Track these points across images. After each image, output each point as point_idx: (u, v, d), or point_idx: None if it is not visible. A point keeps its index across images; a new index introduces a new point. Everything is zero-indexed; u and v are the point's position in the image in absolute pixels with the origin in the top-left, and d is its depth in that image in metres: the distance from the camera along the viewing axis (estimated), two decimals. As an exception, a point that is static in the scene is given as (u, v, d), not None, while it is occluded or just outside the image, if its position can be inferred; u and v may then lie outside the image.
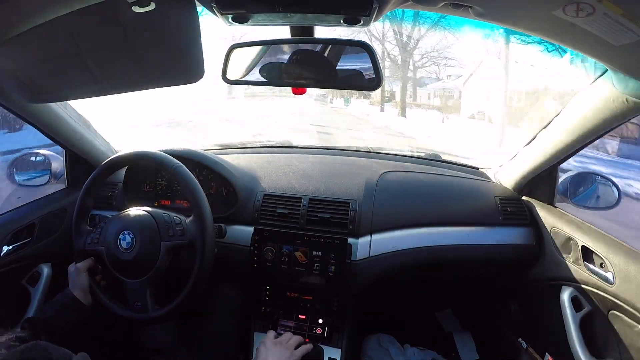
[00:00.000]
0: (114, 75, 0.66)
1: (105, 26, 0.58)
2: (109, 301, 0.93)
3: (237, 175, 1.18)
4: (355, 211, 1.10)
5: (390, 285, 1.40)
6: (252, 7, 0.63)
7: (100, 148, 1.27)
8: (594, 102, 0.83)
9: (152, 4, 0.53)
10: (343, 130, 8.79)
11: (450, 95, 11.68)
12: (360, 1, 0.58)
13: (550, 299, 1.07)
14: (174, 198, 1.24)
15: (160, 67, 0.65)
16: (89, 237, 0.96)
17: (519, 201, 1.21)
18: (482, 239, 1.14)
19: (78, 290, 0.89)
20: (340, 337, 1.15)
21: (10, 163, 1.23)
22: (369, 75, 0.72)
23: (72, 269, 0.93)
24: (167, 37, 0.60)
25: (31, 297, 1.08)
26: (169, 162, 0.96)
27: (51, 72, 0.66)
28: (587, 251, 0.96)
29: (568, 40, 0.64)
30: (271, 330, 0.98)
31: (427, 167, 1.37)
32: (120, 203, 1.21)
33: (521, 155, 1.17)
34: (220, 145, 1.58)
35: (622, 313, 0.86)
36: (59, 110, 1.06)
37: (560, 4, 0.50)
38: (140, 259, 0.89)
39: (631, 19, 0.50)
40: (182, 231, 0.93)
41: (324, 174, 1.23)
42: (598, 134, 0.89)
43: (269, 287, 1.18)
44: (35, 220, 1.10)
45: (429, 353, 1.38)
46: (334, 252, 1.08)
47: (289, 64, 0.76)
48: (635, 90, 0.71)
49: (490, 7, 0.60)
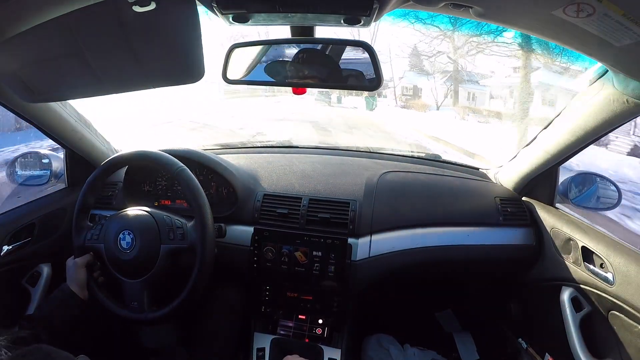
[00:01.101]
0: (114, 74, 0.66)
1: (105, 26, 0.58)
2: (105, 298, 0.93)
3: (237, 175, 1.18)
4: (355, 211, 1.10)
5: (390, 285, 1.40)
6: (252, 7, 0.63)
7: (101, 148, 1.27)
8: (594, 102, 0.83)
9: (153, 3, 0.53)
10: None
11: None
12: (361, 1, 0.58)
13: (550, 299, 1.07)
14: (174, 198, 1.24)
15: (160, 67, 0.65)
16: (89, 233, 0.96)
17: (519, 201, 1.21)
18: (482, 239, 1.14)
19: (75, 284, 0.89)
20: (340, 337, 1.15)
21: (11, 162, 1.23)
22: (370, 75, 0.72)
23: (71, 263, 0.93)
24: (167, 37, 0.60)
25: (31, 296, 1.08)
26: (173, 164, 0.96)
27: (51, 72, 0.66)
28: (587, 251, 0.96)
29: (568, 40, 0.64)
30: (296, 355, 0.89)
31: (427, 167, 1.37)
32: (120, 203, 1.20)
33: (521, 155, 1.17)
34: (221, 145, 1.58)
35: (622, 313, 0.86)
36: (59, 109, 1.06)
37: (560, 4, 0.50)
38: (139, 260, 0.89)
39: (632, 19, 0.49)
40: (182, 235, 0.92)
41: (324, 174, 1.23)
42: (598, 134, 0.89)
43: (269, 287, 1.18)
44: (35, 220, 1.10)
45: (429, 353, 1.38)
46: (334, 252, 1.07)
47: (294, 63, 0.76)
48: (635, 91, 0.71)
49: (490, 7, 0.60)
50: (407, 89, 12.42)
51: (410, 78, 12.05)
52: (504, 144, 6.59)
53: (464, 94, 10.77)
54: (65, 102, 1.08)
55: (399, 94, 12.52)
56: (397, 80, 12.24)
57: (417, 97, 12.16)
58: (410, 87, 12.30)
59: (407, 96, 12.39)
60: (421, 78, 11.59)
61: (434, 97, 11.22)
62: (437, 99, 11.11)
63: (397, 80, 12.24)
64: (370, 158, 1.44)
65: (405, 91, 12.48)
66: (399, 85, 12.36)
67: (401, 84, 12.35)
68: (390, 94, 12.54)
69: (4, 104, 0.92)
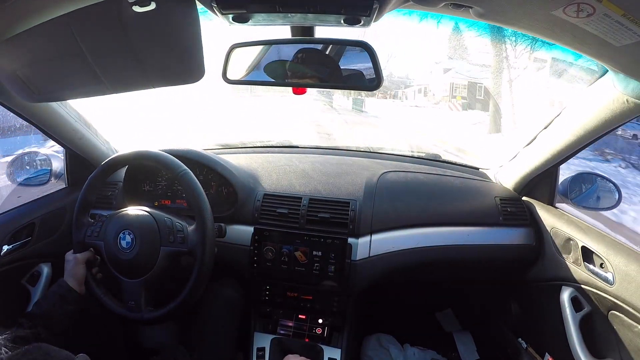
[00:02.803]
0: (114, 74, 0.66)
1: (105, 26, 0.58)
2: (103, 295, 0.93)
3: (237, 174, 1.18)
4: (355, 211, 1.10)
5: (390, 285, 1.40)
6: (252, 7, 0.63)
7: (101, 147, 1.27)
8: (594, 102, 0.83)
9: (153, 3, 0.53)
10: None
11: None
12: (361, 1, 0.58)
13: (550, 299, 1.07)
14: (174, 198, 1.24)
15: (160, 67, 0.65)
16: (89, 229, 0.95)
17: (519, 201, 1.21)
18: (482, 239, 1.14)
19: (73, 279, 0.89)
20: (340, 337, 1.15)
21: (11, 162, 1.23)
22: (370, 75, 0.72)
23: (71, 257, 0.92)
24: (167, 37, 0.60)
25: (31, 296, 1.09)
26: (176, 166, 0.95)
27: (51, 72, 0.66)
28: (587, 251, 0.96)
29: (568, 41, 0.64)
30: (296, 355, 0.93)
31: (427, 167, 1.37)
32: (120, 202, 1.20)
33: (521, 155, 1.17)
34: (221, 145, 1.58)
35: (622, 313, 0.86)
36: (60, 109, 1.06)
37: (560, 4, 0.50)
38: (139, 261, 0.89)
39: (632, 19, 0.49)
40: (182, 239, 0.92)
41: (324, 174, 1.23)
42: (598, 134, 0.89)
43: (268, 287, 1.18)
44: (35, 220, 1.10)
45: (429, 353, 1.38)
46: (334, 252, 1.07)
47: (293, 62, 0.75)
48: (635, 91, 0.71)
49: (490, 8, 0.60)
50: (458, 89, 7.89)
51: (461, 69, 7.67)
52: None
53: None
54: (65, 102, 1.08)
55: (443, 95, 8.08)
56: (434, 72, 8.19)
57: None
58: (462, 85, 7.93)
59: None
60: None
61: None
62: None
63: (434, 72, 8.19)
64: (370, 158, 1.44)
65: (456, 91, 7.91)
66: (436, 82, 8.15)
67: (446, 79, 8.00)
68: (411, 94, 9.17)
69: (4, 104, 0.92)
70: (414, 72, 9.50)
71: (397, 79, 9.42)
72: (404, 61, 11.36)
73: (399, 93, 9.45)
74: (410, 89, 9.47)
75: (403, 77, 9.49)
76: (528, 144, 1.13)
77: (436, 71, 8.97)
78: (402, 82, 9.47)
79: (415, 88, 9.46)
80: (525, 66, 6.55)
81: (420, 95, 9.50)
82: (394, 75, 9.25)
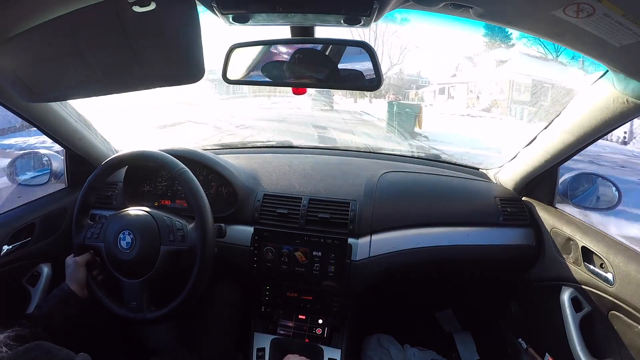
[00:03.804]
0: (114, 74, 0.66)
1: (105, 26, 0.58)
2: (104, 297, 0.93)
3: (237, 175, 1.18)
4: (355, 211, 1.10)
5: (390, 285, 1.40)
6: (252, 7, 0.63)
7: (101, 148, 1.27)
8: (594, 102, 0.83)
9: (153, 3, 0.53)
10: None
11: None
12: (361, 1, 0.58)
13: (550, 300, 1.07)
14: (174, 198, 1.24)
15: (160, 67, 0.65)
16: (89, 231, 0.95)
17: (519, 202, 1.21)
18: (482, 239, 1.14)
19: (74, 283, 0.89)
20: (340, 337, 1.15)
21: (11, 162, 1.23)
22: (370, 75, 0.72)
23: (70, 261, 0.93)
24: (167, 37, 0.60)
25: (31, 296, 1.09)
26: (174, 165, 0.95)
27: (52, 72, 0.66)
28: (587, 252, 0.96)
29: (568, 41, 0.64)
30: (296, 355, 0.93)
31: (427, 167, 1.37)
32: (120, 203, 1.20)
33: (521, 155, 1.17)
34: (221, 145, 1.58)
35: (622, 313, 0.86)
36: (60, 109, 1.06)
37: (560, 4, 0.50)
38: (139, 261, 0.89)
39: (632, 19, 0.49)
40: (182, 237, 0.92)
41: (324, 174, 1.23)
42: (598, 134, 0.89)
43: (269, 287, 1.18)
44: (35, 220, 1.10)
45: (429, 353, 1.38)
46: (333, 252, 1.07)
47: (291, 63, 0.76)
48: (635, 91, 0.71)
49: (490, 8, 0.60)
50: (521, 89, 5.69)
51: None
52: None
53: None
54: (65, 102, 1.08)
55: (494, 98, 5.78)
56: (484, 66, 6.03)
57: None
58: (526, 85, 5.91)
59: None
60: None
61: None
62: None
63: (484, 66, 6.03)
64: (370, 158, 1.44)
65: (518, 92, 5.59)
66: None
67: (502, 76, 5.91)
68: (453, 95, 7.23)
69: (4, 104, 0.92)
70: (439, 68, 7.96)
71: (413, 77, 8.14)
72: (430, 56, 9.81)
73: (419, 93, 7.98)
74: (431, 88, 7.96)
75: (416, 76, 8.08)
76: (528, 144, 1.13)
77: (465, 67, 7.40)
78: (420, 81, 8.03)
79: (443, 87, 7.67)
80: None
81: (444, 97, 8.03)
82: (415, 74, 8.01)
